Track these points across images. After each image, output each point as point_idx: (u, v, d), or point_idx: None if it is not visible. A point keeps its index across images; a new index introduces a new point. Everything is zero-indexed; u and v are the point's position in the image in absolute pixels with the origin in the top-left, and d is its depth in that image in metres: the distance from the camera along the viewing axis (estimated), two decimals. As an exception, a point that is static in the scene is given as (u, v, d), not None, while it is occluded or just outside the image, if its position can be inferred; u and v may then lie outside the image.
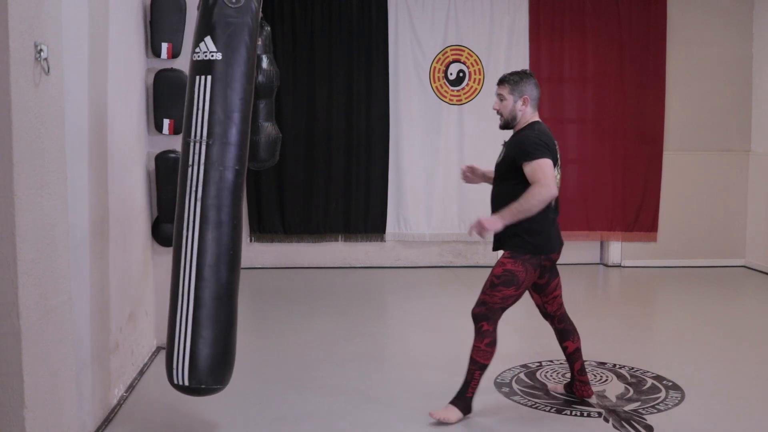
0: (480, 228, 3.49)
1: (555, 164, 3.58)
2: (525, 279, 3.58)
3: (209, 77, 3.15)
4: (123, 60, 4.04)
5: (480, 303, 3.61)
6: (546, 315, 3.89)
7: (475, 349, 3.60)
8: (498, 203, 3.64)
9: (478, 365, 3.59)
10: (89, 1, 3.46)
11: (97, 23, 3.58)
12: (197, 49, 3.19)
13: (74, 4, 3.23)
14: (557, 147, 3.67)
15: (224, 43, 3.16)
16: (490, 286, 3.59)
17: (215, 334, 3.17)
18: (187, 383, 3.19)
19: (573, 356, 3.88)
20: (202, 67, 3.17)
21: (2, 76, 2.22)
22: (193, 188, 3.15)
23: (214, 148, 3.14)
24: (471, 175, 4.01)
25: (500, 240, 3.65)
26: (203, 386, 3.20)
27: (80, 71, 3.34)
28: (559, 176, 3.67)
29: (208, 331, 3.16)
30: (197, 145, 3.15)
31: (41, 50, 2.40)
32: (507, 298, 3.58)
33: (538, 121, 3.69)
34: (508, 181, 3.63)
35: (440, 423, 3.60)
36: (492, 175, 3.84)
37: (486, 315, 3.58)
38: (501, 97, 3.71)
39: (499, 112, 3.74)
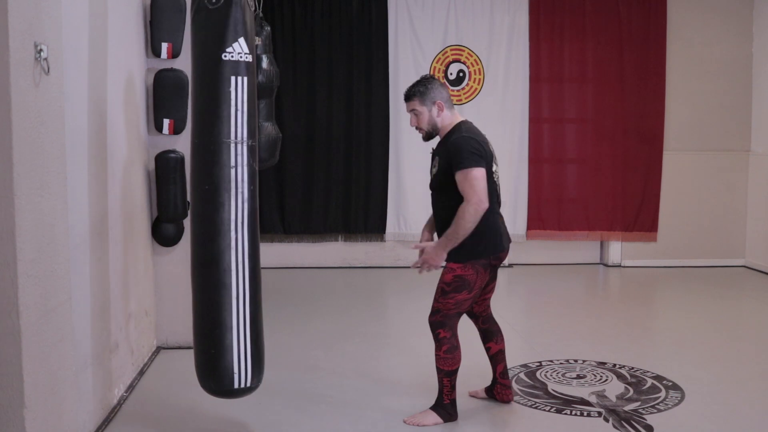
0: (428, 266, 3.48)
1: (491, 164, 3.51)
2: (476, 281, 3.50)
3: (245, 78, 3.17)
4: (123, 60, 4.04)
5: (434, 311, 3.56)
6: (471, 314, 3.80)
7: (436, 357, 3.57)
8: (440, 214, 3.58)
9: (443, 372, 3.57)
10: (89, 0, 3.46)
11: (97, 23, 3.58)
12: (230, 50, 3.14)
13: (74, 3, 3.23)
14: (490, 145, 3.57)
15: (250, 46, 3.22)
16: (442, 293, 3.52)
17: (261, 329, 3.28)
18: (249, 384, 3.22)
19: (496, 358, 3.81)
20: (239, 68, 3.16)
21: (2, 76, 2.22)
22: (240, 189, 3.16)
23: (253, 148, 3.21)
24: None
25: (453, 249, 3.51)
26: (259, 384, 3.29)
27: (80, 71, 3.34)
28: (497, 173, 3.59)
29: (261, 327, 3.27)
30: (239, 146, 3.16)
31: (41, 50, 2.40)
32: (461, 302, 3.52)
33: (464, 121, 3.59)
34: (446, 190, 3.51)
35: (417, 426, 3.58)
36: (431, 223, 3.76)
37: (442, 322, 3.54)
38: (415, 113, 3.59)
39: (418, 128, 3.63)
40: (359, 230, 7.61)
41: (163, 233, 4.61)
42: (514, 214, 7.59)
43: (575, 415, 3.75)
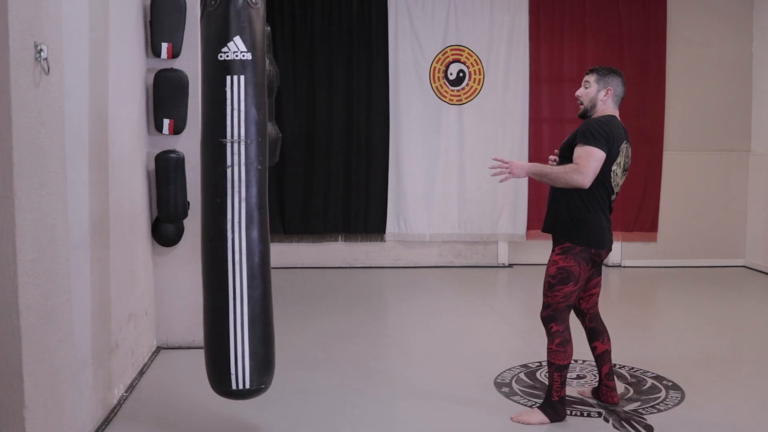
0: (510, 170, 3.62)
1: (614, 160, 3.55)
2: (580, 272, 3.58)
3: (242, 77, 3.14)
4: (123, 60, 4.04)
5: (545, 306, 3.64)
6: (578, 311, 3.87)
7: (548, 351, 3.61)
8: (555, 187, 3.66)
9: (553, 367, 3.59)
10: (89, 0, 3.46)
11: (97, 23, 3.58)
12: (224, 49, 3.14)
13: (74, 3, 3.23)
14: (626, 145, 3.64)
15: (251, 43, 3.18)
16: (549, 287, 3.61)
17: (268, 332, 3.22)
18: (248, 386, 3.17)
19: (601, 358, 3.86)
20: (235, 66, 3.14)
21: (2, 76, 2.22)
22: (236, 189, 3.13)
23: (252, 147, 3.15)
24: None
25: (554, 223, 3.66)
26: (263, 386, 3.22)
27: (80, 71, 3.34)
28: (622, 175, 3.64)
29: (264, 329, 3.19)
30: (236, 145, 3.14)
31: (41, 50, 2.40)
32: (569, 294, 3.58)
33: (613, 116, 3.67)
34: (566, 162, 3.62)
35: (522, 424, 3.60)
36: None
37: (553, 316, 3.60)
38: (586, 84, 3.70)
39: (579, 100, 3.72)
40: (359, 230, 7.61)
41: (163, 233, 4.61)
42: (514, 214, 7.59)
43: (575, 415, 3.74)
